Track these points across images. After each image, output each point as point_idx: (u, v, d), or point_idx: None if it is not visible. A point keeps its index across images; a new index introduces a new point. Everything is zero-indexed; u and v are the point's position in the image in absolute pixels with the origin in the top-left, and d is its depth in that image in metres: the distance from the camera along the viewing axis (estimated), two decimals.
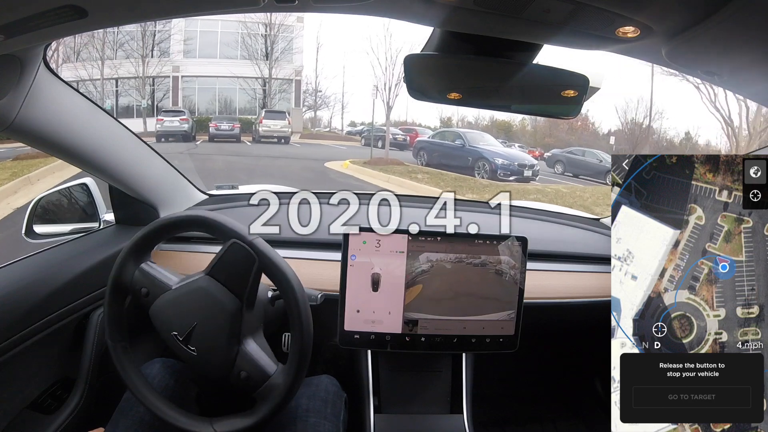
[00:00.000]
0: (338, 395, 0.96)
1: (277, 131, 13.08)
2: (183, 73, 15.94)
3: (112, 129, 0.97)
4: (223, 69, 15.63)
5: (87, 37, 14.80)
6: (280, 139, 13.06)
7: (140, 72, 15.41)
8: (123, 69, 15.44)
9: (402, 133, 13.56)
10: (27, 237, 1.10)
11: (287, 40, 15.93)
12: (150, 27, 15.00)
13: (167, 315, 0.77)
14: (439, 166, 9.60)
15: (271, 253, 0.75)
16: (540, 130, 16.42)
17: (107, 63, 15.35)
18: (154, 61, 15.44)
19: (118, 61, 15.44)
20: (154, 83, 15.91)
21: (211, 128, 13.39)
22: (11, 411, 0.84)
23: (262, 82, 16.18)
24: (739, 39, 0.51)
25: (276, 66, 15.80)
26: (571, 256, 1.17)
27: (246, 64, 15.71)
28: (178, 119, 12.93)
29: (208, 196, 1.30)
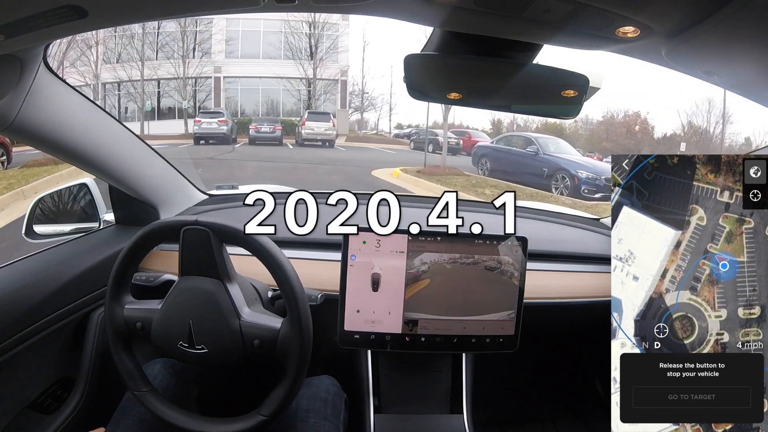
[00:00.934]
0: (338, 396, 0.96)
1: (321, 134, 12.34)
2: (225, 74, 15.44)
3: (112, 129, 0.97)
4: (266, 69, 15.19)
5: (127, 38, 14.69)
6: (324, 142, 12.36)
7: (181, 73, 15.05)
8: (163, 70, 15.11)
9: (455, 136, 12.50)
10: (27, 237, 1.10)
11: (332, 39, 15.41)
12: (191, 27, 14.70)
13: (165, 332, 0.76)
14: (505, 177, 8.11)
15: (274, 251, 0.75)
16: (596, 134, 15.20)
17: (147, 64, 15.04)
18: (195, 62, 15.04)
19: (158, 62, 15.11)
20: (196, 84, 15.53)
21: (251, 130, 12.81)
22: (11, 411, 0.84)
23: (306, 83, 15.59)
24: (739, 39, 0.51)
25: (321, 66, 15.24)
26: (571, 256, 1.17)
27: (290, 64, 15.23)
28: (216, 121, 12.37)
29: (208, 196, 1.30)
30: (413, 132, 15.24)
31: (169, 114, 15.90)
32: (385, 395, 1.06)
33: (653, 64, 0.63)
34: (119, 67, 15.12)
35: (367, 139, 14.85)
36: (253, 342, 0.75)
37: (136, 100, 15.86)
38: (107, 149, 0.95)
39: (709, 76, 0.63)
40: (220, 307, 0.75)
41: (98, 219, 1.16)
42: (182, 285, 0.76)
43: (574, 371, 1.49)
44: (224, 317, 0.74)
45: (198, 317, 0.75)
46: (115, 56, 15.37)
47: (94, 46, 14.83)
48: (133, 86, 15.68)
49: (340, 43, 15.44)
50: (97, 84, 15.33)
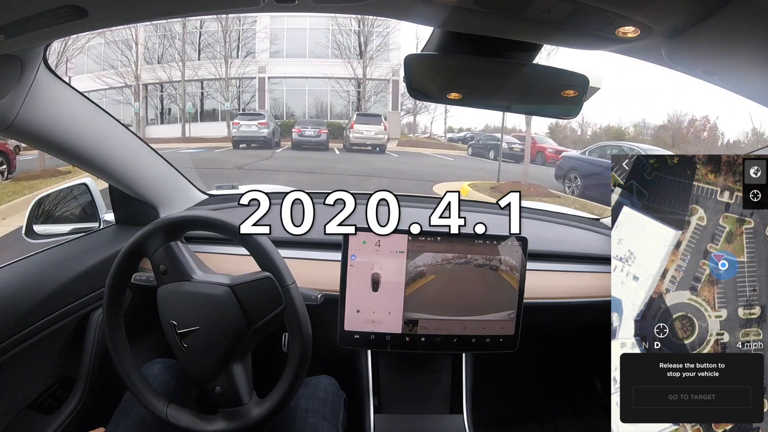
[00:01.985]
0: (337, 395, 0.96)
1: (371, 138, 11.18)
2: (269, 74, 14.73)
3: (112, 129, 0.96)
4: (313, 69, 14.38)
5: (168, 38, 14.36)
6: (374, 147, 11.22)
7: (223, 73, 14.44)
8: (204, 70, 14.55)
9: (518, 141, 10.95)
10: (27, 237, 1.10)
11: (383, 36, 14.62)
12: (234, 25, 14.20)
13: (175, 304, 0.77)
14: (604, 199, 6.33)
15: (270, 250, 0.75)
16: (661, 139, 13.64)
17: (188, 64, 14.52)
18: (238, 62, 14.39)
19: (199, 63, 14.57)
20: (241, 85, 14.92)
21: (294, 134, 11.72)
22: (11, 411, 0.84)
23: (355, 83, 14.67)
24: (739, 39, 0.51)
25: (371, 65, 14.28)
26: (571, 256, 1.17)
27: (338, 63, 14.30)
28: (256, 123, 11.42)
29: (208, 196, 1.30)
30: (468, 135, 14.17)
31: (212, 116, 15.30)
32: (385, 395, 1.06)
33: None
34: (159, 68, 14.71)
35: (420, 144, 13.83)
36: (216, 387, 0.77)
37: (177, 101, 15.34)
38: (107, 149, 0.95)
39: (709, 76, 0.63)
40: (225, 346, 0.76)
41: (98, 219, 1.16)
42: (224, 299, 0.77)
43: (574, 371, 1.49)
44: (219, 354, 0.76)
45: (206, 331, 0.76)
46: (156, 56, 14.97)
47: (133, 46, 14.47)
48: (173, 87, 15.25)
49: (391, 40, 14.67)
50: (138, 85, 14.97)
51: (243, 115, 12.35)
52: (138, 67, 14.81)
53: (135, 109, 15.72)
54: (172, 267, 0.78)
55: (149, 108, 16.22)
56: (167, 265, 0.78)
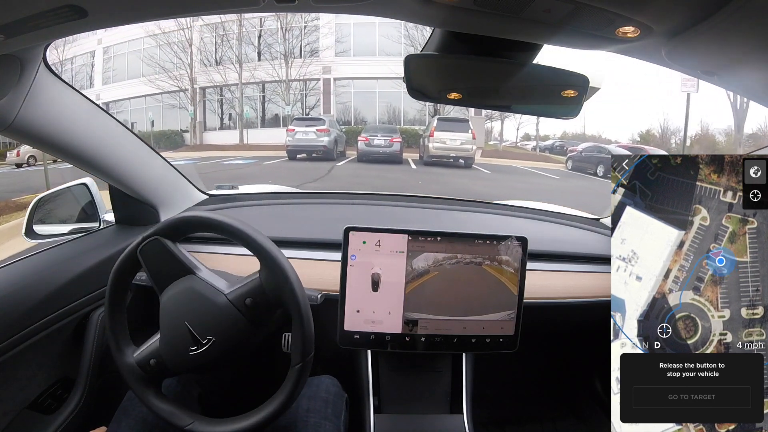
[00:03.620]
0: (339, 395, 0.96)
1: (456, 148, 9.16)
2: (335, 75, 13.51)
3: (112, 129, 0.97)
4: (384, 68, 12.71)
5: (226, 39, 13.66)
6: (458, 159, 9.25)
7: (284, 74, 13.43)
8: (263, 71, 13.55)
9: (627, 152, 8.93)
10: (27, 237, 1.10)
11: None
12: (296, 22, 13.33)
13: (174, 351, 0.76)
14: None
15: (287, 268, 0.75)
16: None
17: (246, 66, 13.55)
18: (300, 62, 13.24)
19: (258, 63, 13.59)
20: (304, 87, 13.84)
21: (360, 143, 9.85)
22: (11, 411, 0.84)
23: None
24: (739, 39, 0.51)
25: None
26: (571, 256, 1.17)
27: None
28: (314, 130, 9.76)
29: (208, 196, 1.30)
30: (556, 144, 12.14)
31: (273, 121, 14.34)
32: (385, 395, 1.06)
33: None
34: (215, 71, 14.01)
35: (506, 155, 11.99)
36: (245, 302, 0.76)
37: (235, 105, 14.56)
38: (107, 149, 0.95)
39: (709, 76, 0.63)
40: (201, 293, 0.76)
41: (98, 219, 1.16)
42: (164, 299, 0.77)
43: (574, 371, 1.49)
44: (210, 300, 0.75)
45: (189, 315, 0.75)
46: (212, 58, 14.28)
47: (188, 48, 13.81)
48: (230, 91, 14.52)
49: None
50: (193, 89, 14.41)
51: (299, 120, 10.52)
52: (193, 69, 14.31)
53: (190, 114, 15.10)
54: (154, 354, 0.78)
55: (207, 113, 15.54)
56: (152, 357, 0.78)
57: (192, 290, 0.76)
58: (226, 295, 0.76)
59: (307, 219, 1.26)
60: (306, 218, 1.27)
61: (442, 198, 1.41)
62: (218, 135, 15.17)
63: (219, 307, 0.75)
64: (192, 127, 15.23)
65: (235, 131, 14.80)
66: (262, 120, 14.94)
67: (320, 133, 9.81)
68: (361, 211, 1.32)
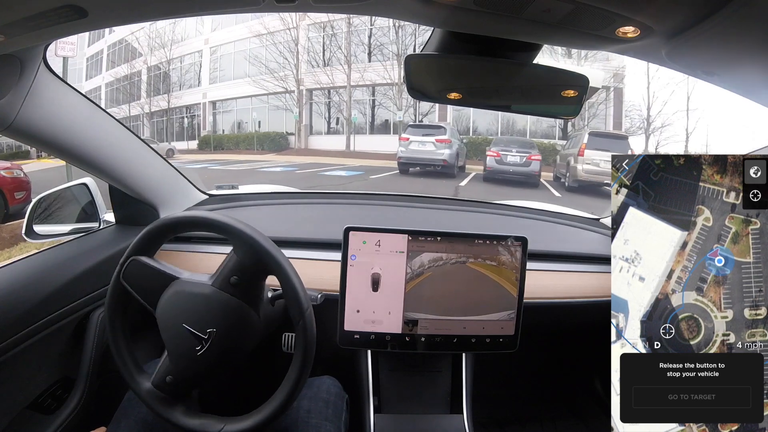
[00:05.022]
0: (340, 396, 0.96)
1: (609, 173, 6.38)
2: None
3: (112, 129, 0.97)
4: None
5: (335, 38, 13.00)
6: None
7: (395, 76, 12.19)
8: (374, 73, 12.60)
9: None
10: (27, 237, 1.10)
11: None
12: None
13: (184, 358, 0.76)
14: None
15: (275, 253, 0.75)
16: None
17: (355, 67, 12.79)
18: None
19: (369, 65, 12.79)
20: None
21: (489, 158, 8.15)
22: (11, 411, 0.84)
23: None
24: (739, 39, 0.51)
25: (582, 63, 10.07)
26: (571, 256, 1.17)
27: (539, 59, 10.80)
28: (432, 140, 8.11)
29: (208, 196, 1.30)
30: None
31: (383, 128, 13.42)
32: (385, 395, 1.06)
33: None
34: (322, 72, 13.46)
35: None
36: (230, 281, 0.76)
37: (342, 109, 13.84)
38: (107, 149, 0.95)
39: (709, 76, 0.63)
40: (188, 291, 0.76)
41: (98, 219, 1.16)
42: (159, 313, 0.77)
43: (574, 371, 1.49)
44: (196, 294, 0.76)
45: (184, 316, 0.75)
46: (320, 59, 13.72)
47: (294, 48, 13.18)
48: (337, 93, 13.94)
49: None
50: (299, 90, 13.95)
51: (416, 128, 8.75)
52: (299, 70, 13.86)
53: (294, 116, 14.62)
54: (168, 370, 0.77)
55: (314, 116, 15.05)
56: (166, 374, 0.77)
57: (179, 292, 0.76)
58: (211, 283, 0.76)
59: (307, 219, 1.26)
60: (306, 218, 1.27)
61: (442, 198, 1.41)
62: (324, 140, 14.76)
63: (208, 297, 0.75)
64: (297, 130, 14.84)
65: (341, 137, 14.09)
66: (371, 126, 14.02)
67: (440, 144, 8.05)
68: (361, 211, 1.32)
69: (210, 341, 0.74)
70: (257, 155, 14.12)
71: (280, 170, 10.37)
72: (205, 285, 0.76)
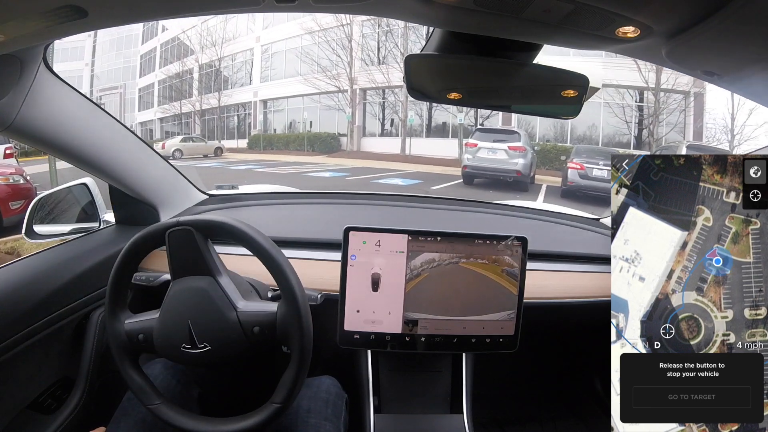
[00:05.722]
0: (339, 396, 0.96)
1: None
2: None
3: (112, 129, 0.97)
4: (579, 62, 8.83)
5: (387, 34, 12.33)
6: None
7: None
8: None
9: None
10: (27, 237, 1.10)
11: None
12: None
13: (167, 338, 0.76)
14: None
15: (274, 252, 0.75)
16: None
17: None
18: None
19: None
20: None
21: (570, 171, 6.81)
22: (11, 411, 0.84)
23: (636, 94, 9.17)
24: (739, 39, 0.51)
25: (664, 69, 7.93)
26: (571, 256, 1.17)
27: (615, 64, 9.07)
28: (505, 147, 7.06)
29: (208, 196, 1.30)
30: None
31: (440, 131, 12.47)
32: (385, 395, 1.06)
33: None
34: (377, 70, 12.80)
35: None
36: (253, 329, 0.75)
37: (398, 110, 13.04)
38: (107, 149, 0.95)
39: (709, 76, 0.63)
40: (215, 302, 0.75)
41: (98, 219, 1.16)
42: (175, 288, 0.76)
43: (574, 371, 1.49)
44: (221, 311, 0.74)
45: (195, 316, 0.74)
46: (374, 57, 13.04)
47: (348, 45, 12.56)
48: (393, 93, 13.29)
49: None
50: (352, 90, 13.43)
51: (485, 132, 7.60)
52: (353, 68, 13.34)
53: (347, 117, 13.98)
54: (144, 330, 0.77)
55: (367, 117, 14.34)
56: (142, 332, 0.77)
57: (205, 293, 0.75)
58: (238, 313, 0.75)
59: (307, 219, 1.26)
60: (306, 218, 1.27)
61: (442, 198, 1.42)
62: (378, 142, 13.99)
63: (226, 322, 0.74)
64: (349, 132, 14.19)
65: (396, 139, 13.29)
66: (428, 128, 13.10)
67: (514, 153, 6.95)
68: (361, 211, 1.32)
69: (200, 351, 0.74)
70: (307, 156, 13.72)
71: (329, 175, 9.74)
72: (233, 310, 0.75)
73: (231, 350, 0.75)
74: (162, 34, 18.79)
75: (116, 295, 0.79)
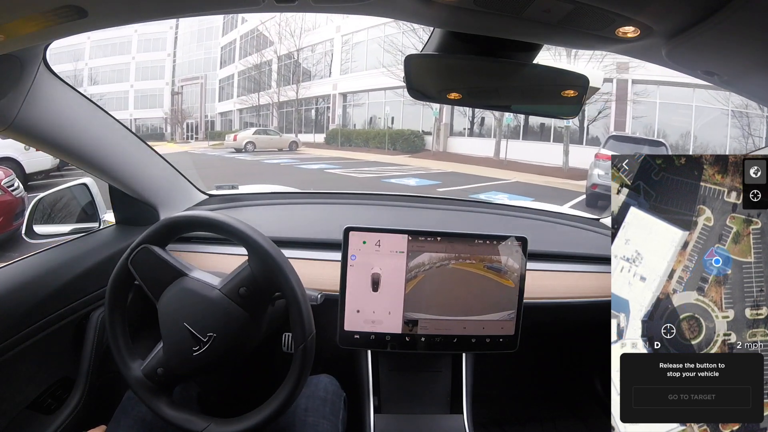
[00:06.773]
0: (337, 395, 0.96)
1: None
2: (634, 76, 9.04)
3: (112, 129, 0.97)
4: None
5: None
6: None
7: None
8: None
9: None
10: (27, 237, 1.10)
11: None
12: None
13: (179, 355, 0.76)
14: None
15: (274, 252, 0.75)
16: None
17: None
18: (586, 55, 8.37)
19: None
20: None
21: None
22: (11, 411, 0.84)
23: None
24: (740, 39, 0.51)
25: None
26: (571, 256, 1.17)
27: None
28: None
29: (208, 196, 1.30)
30: None
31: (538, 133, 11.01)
32: (385, 395, 1.06)
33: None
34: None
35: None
36: (239, 292, 0.75)
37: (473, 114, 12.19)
38: (107, 149, 0.95)
39: (709, 76, 0.63)
40: (196, 292, 0.76)
41: (98, 219, 1.16)
42: (161, 305, 0.77)
43: (574, 371, 1.49)
44: (203, 296, 0.75)
45: (187, 315, 0.75)
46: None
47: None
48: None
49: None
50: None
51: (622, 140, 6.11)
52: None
53: (434, 113, 12.89)
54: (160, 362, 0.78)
55: (456, 115, 13.06)
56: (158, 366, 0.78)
57: (185, 290, 0.76)
58: (219, 289, 0.76)
59: (307, 219, 1.26)
60: (306, 218, 1.27)
61: (442, 198, 1.42)
62: (466, 143, 12.70)
63: (214, 302, 0.75)
64: (435, 130, 13.20)
65: (487, 140, 12.05)
66: (524, 129, 11.55)
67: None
68: (361, 211, 1.32)
69: (208, 344, 0.74)
70: (388, 155, 12.65)
71: (415, 183, 8.33)
72: (213, 289, 0.76)
73: (235, 324, 0.76)
74: (242, 26, 18.64)
75: (121, 344, 0.80)
